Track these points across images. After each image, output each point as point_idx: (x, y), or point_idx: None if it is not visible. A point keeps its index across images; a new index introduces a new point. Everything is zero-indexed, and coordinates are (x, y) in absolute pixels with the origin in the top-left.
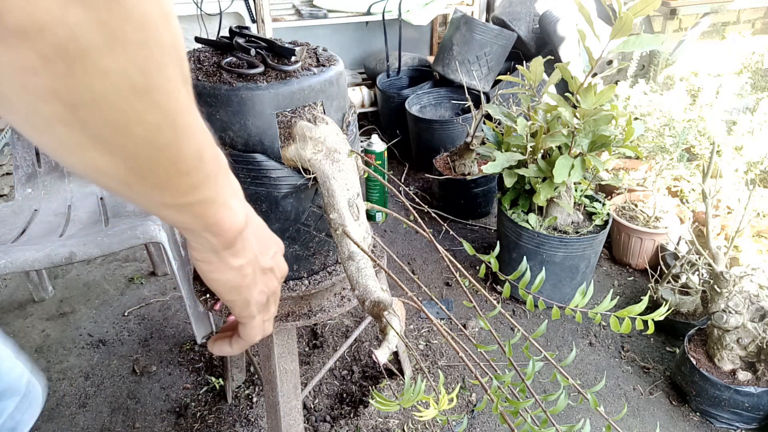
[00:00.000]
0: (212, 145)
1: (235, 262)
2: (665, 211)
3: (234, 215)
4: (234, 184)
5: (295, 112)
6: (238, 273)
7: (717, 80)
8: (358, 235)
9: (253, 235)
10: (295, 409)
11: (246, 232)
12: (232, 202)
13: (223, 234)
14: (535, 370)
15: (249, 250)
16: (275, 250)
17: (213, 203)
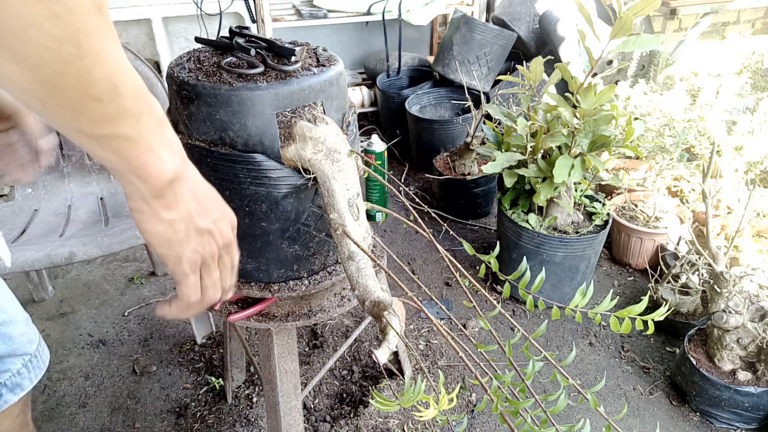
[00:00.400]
0: (134, 84)
1: (166, 214)
2: (665, 211)
3: (160, 163)
4: (169, 137)
5: (295, 112)
6: (169, 227)
7: (717, 80)
8: (358, 235)
9: (191, 193)
10: (295, 409)
11: (178, 186)
12: (160, 150)
13: (150, 180)
14: (535, 370)
15: (182, 206)
16: (217, 216)
17: (135, 143)
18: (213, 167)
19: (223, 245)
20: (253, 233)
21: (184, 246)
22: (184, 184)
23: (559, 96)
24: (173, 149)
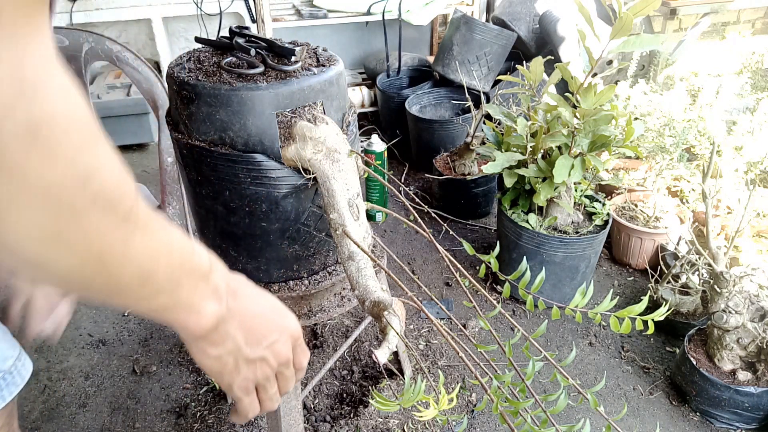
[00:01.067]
0: (170, 261)
1: (212, 351)
2: (665, 211)
3: (200, 317)
4: (215, 284)
5: (295, 112)
6: (216, 361)
7: (717, 80)
8: (358, 235)
9: (239, 327)
10: (295, 409)
11: (223, 326)
12: (201, 305)
13: (189, 333)
14: (535, 370)
15: (228, 342)
16: (273, 338)
17: (172, 309)
18: (213, 167)
19: (279, 365)
20: (253, 233)
21: (234, 376)
22: (230, 322)
23: (559, 96)
24: (219, 294)
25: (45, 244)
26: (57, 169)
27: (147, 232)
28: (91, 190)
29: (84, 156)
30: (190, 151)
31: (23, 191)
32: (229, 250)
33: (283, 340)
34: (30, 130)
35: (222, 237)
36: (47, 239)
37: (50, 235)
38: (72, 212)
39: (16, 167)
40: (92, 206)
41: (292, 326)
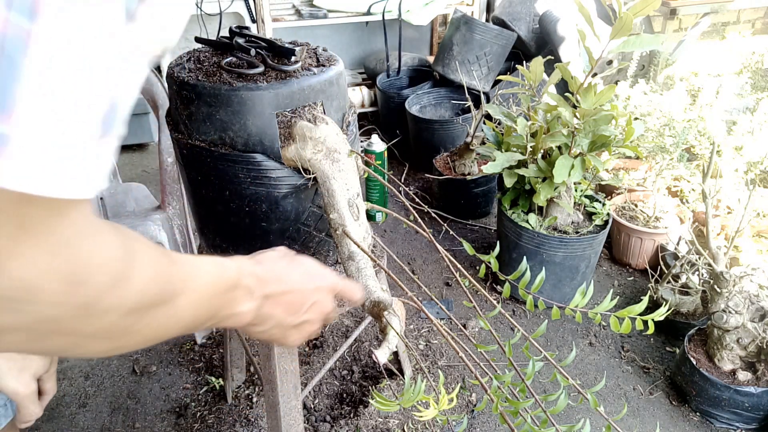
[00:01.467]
0: (208, 295)
1: (258, 329)
2: (665, 211)
3: (240, 318)
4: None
5: (295, 112)
6: (266, 334)
7: (717, 80)
8: (358, 235)
9: (277, 306)
10: (295, 409)
11: (262, 312)
12: (238, 309)
13: (234, 327)
14: (535, 370)
15: (270, 320)
16: (311, 302)
17: (218, 324)
18: (213, 167)
19: (324, 317)
20: (253, 233)
21: (286, 340)
22: (266, 306)
23: (559, 96)
24: (251, 292)
25: (113, 352)
26: (104, 321)
27: (186, 290)
28: (138, 314)
29: (123, 301)
30: (190, 151)
31: (88, 338)
32: (229, 250)
33: (321, 298)
34: (82, 310)
35: (222, 237)
36: (114, 351)
37: (115, 349)
38: (130, 331)
39: (74, 331)
40: (140, 318)
41: (326, 283)
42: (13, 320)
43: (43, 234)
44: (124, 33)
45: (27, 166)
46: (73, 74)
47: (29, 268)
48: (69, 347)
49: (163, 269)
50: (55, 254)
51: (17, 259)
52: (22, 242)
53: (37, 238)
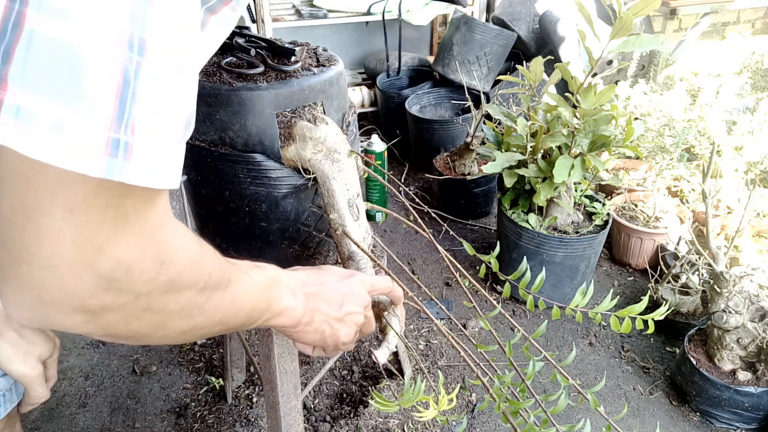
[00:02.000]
0: (258, 288)
1: (309, 328)
2: (665, 211)
3: (292, 314)
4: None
5: (295, 112)
6: (317, 333)
7: (717, 80)
8: (358, 236)
9: (320, 301)
10: (295, 409)
11: (309, 307)
12: (287, 305)
13: (288, 326)
14: (535, 370)
15: (318, 315)
16: (350, 294)
17: (272, 320)
18: (213, 167)
19: (365, 309)
20: (252, 233)
21: (337, 337)
22: (311, 302)
23: (559, 96)
24: (293, 290)
25: (191, 334)
26: (183, 297)
27: (240, 282)
28: (207, 292)
29: (197, 280)
30: (190, 151)
31: (171, 315)
32: (229, 250)
33: (356, 290)
34: (168, 286)
35: (222, 237)
36: (192, 331)
37: (192, 328)
38: (203, 309)
39: (162, 308)
40: (209, 298)
41: (357, 280)
42: (114, 299)
43: (138, 222)
44: (198, 44)
45: (143, 165)
46: (171, 92)
47: (129, 250)
48: (158, 326)
49: (222, 262)
50: (147, 238)
51: (119, 244)
52: (122, 228)
53: (134, 226)
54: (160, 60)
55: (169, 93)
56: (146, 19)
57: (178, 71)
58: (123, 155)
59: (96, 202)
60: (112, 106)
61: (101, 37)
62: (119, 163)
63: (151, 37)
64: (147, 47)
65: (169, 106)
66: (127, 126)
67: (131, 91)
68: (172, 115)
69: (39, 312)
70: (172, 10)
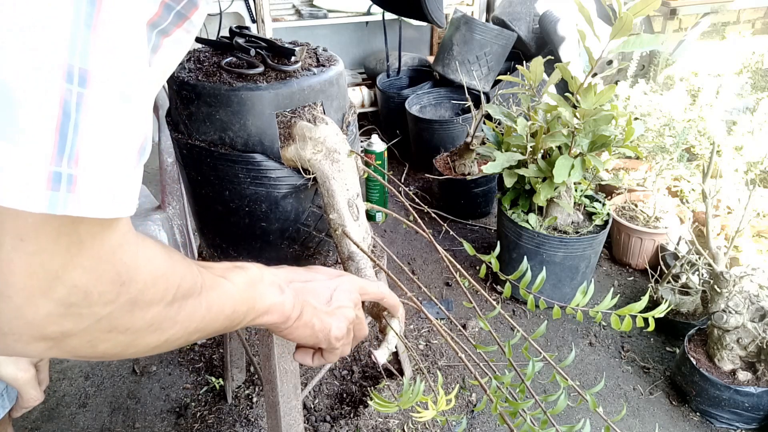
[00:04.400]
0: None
1: (300, 323)
2: (665, 211)
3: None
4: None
5: (295, 112)
6: (308, 328)
7: (717, 80)
8: (357, 236)
9: (308, 295)
10: (295, 409)
11: (297, 302)
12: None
13: (279, 324)
14: (534, 370)
15: (307, 309)
16: (338, 290)
17: (260, 318)
18: (213, 167)
19: (354, 306)
20: (252, 233)
21: (328, 332)
22: (299, 296)
23: (559, 96)
24: (279, 285)
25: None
26: (150, 313)
27: (218, 286)
28: (176, 304)
29: (164, 293)
30: (189, 151)
31: (139, 333)
32: (229, 250)
33: (342, 285)
34: (131, 305)
35: (222, 237)
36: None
37: (165, 341)
38: (175, 321)
39: (128, 327)
40: (181, 308)
41: (346, 278)
42: (75, 324)
43: (94, 247)
44: (149, 69)
45: (90, 196)
46: (119, 121)
47: (85, 275)
48: (127, 344)
49: (193, 269)
50: (105, 261)
51: (75, 269)
52: (77, 255)
53: (90, 251)
54: (105, 89)
55: (116, 122)
56: (88, 48)
57: (125, 98)
58: (66, 188)
59: (46, 230)
60: (52, 140)
61: (35, 70)
62: (62, 197)
63: (94, 67)
64: (90, 77)
65: (118, 135)
66: (71, 158)
67: (73, 123)
68: (121, 144)
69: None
70: (117, 38)
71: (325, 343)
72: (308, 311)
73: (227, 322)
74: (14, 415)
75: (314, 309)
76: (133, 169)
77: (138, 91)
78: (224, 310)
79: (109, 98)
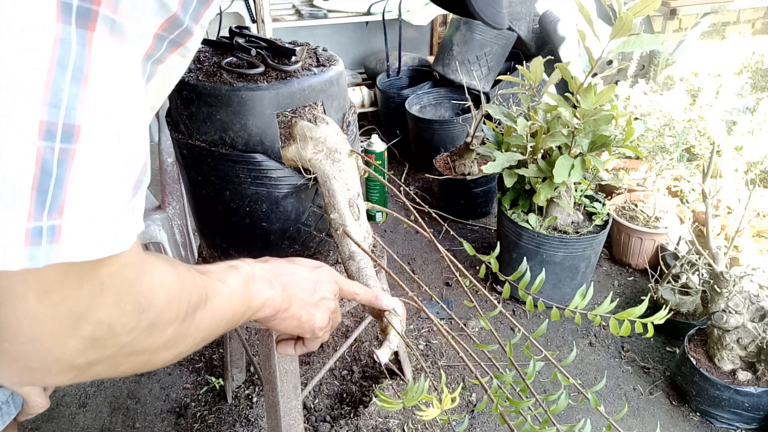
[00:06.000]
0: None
1: (287, 315)
2: (665, 211)
3: (273, 304)
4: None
5: (295, 112)
6: (294, 319)
7: (717, 80)
8: (358, 235)
9: (294, 288)
10: (295, 409)
11: (285, 295)
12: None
13: (269, 316)
14: (535, 369)
15: (294, 301)
16: (320, 281)
17: (255, 315)
18: (213, 167)
19: (335, 296)
20: (253, 233)
21: (313, 321)
22: (287, 290)
23: (559, 96)
24: (269, 280)
25: (176, 358)
26: (168, 332)
27: (218, 292)
28: (188, 319)
29: (178, 311)
30: (190, 151)
31: (156, 351)
32: (229, 250)
33: (324, 277)
34: (150, 328)
35: (222, 237)
36: (177, 356)
37: (177, 355)
38: (186, 335)
39: (147, 348)
40: (191, 322)
41: (326, 269)
42: (99, 355)
43: (114, 284)
44: (143, 97)
45: (75, 243)
46: (111, 165)
47: (108, 311)
48: (144, 363)
49: (197, 280)
50: (125, 294)
51: (99, 308)
52: (99, 295)
53: (111, 289)
54: (96, 140)
55: (108, 166)
56: (76, 103)
57: (118, 140)
58: (48, 240)
59: (69, 280)
60: (28, 199)
61: (6, 133)
62: (43, 249)
63: (84, 121)
64: (78, 132)
65: (110, 179)
66: (53, 211)
67: (54, 179)
68: (113, 186)
69: (27, 377)
70: (110, 87)
71: (309, 333)
72: (296, 303)
73: (228, 325)
74: (19, 419)
75: (301, 301)
76: (129, 203)
77: (131, 129)
78: (225, 315)
79: (100, 148)
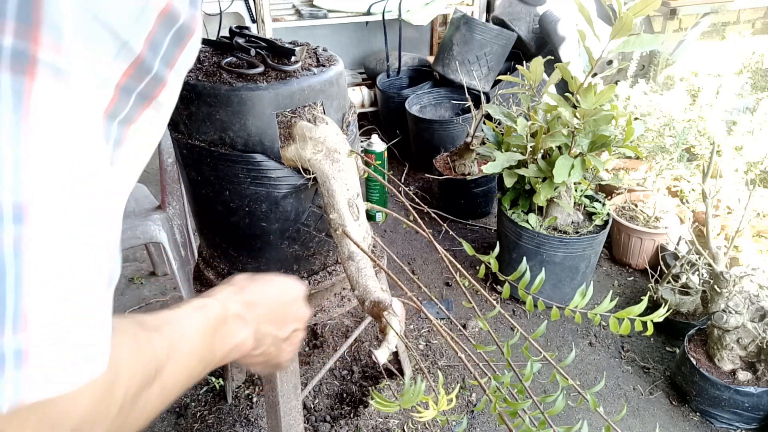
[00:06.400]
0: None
1: (257, 352)
2: (665, 211)
3: (243, 346)
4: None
5: (295, 112)
6: (264, 356)
7: (717, 80)
8: (358, 236)
9: (268, 323)
10: (295, 409)
11: (258, 333)
12: (238, 338)
13: (242, 355)
14: (534, 370)
15: (267, 338)
16: (293, 311)
17: (228, 358)
18: (213, 167)
19: (304, 324)
20: (253, 233)
21: (281, 356)
22: (260, 327)
23: (559, 96)
24: (242, 317)
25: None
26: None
27: (173, 353)
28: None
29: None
30: (190, 151)
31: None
32: (229, 250)
33: (299, 306)
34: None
35: (222, 237)
36: (150, 419)
37: (149, 418)
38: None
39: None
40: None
41: (297, 292)
42: None
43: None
44: (108, 184)
45: (44, 373)
46: (74, 259)
47: (84, 419)
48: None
49: (155, 347)
50: (98, 404)
51: (73, 419)
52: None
53: (84, 401)
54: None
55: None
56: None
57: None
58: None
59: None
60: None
61: None
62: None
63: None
64: (27, 211)
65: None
66: (17, 326)
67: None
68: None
69: None
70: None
71: (273, 368)
72: (268, 341)
73: (187, 384)
74: None
75: (274, 338)
76: (102, 309)
77: (95, 216)
78: (180, 380)
79: (56, 233)
